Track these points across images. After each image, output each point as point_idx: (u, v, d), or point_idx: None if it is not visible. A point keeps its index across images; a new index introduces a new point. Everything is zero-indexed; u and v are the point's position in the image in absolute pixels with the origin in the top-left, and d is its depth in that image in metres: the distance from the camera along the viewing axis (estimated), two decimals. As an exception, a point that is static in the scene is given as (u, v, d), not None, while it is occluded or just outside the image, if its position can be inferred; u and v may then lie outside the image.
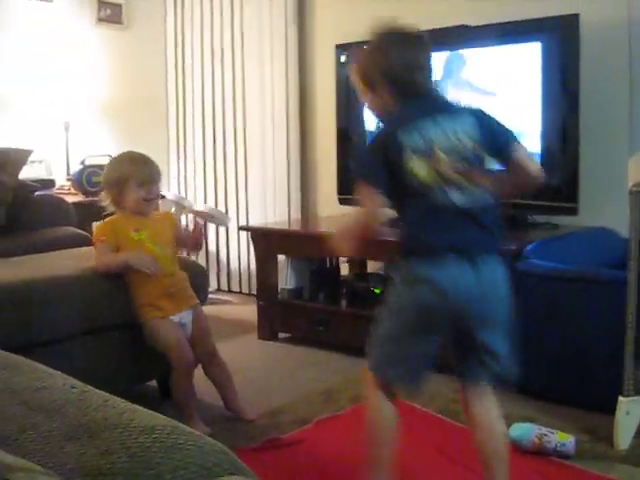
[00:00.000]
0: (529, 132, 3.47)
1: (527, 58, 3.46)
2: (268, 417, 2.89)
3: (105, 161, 4.41)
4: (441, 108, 2.07)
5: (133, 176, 2.77)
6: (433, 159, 1.94)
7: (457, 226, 1.95)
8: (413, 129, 1.96)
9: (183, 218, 5.01)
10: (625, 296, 2.48)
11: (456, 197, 1.94)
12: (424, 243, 1.95)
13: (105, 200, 2.87)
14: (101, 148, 4.67)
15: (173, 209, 4.79)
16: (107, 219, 2.85)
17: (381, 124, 2.20)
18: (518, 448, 2.52)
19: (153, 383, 3.14)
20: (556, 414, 2.84)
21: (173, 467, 0.92)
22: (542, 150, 3.43)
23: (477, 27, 3.67)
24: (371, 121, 4.03)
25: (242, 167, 5.05)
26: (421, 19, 3.96)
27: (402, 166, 1.94)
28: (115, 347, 2.84)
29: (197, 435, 0.99)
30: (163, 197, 4.57)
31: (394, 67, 2.06)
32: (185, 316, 2.84)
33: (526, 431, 2.54)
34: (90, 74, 4.90)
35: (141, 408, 1.08)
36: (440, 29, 3.81)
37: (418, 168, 1.94)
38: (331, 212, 4.56)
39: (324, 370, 3.49)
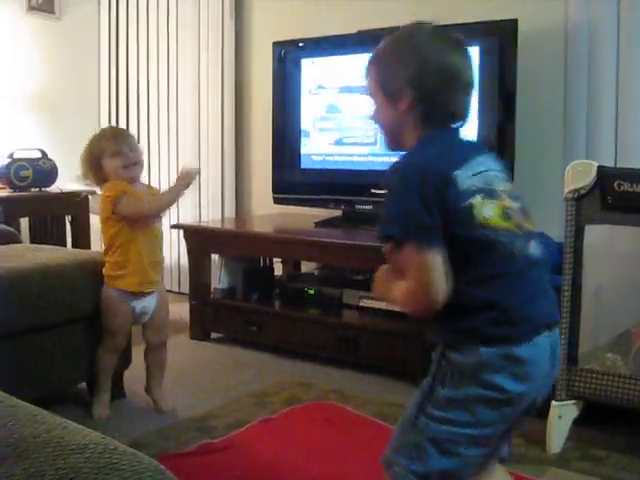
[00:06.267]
0: (465, 135, 3.48)
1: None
2: (199, 421, 2.83)
3: (35, 155, 4.33)
4: (474, 143, 1.77)
5: (106, 148, 2.83)
6: (501, 202, 1.57)
7: (541, 289, 1.59)
8: (468, 167, 1.56)
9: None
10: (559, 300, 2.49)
11: (532, 248, 1.58)
12: (514, 317, 1.52)
13: (87, 180, 2.91)
14: (30, 142, 4.54)
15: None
16: (118, 182, 2.84)
17: (411, 157, 1.63)
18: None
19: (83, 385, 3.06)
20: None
21: (106, 488, 0.87)
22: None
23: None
24: (307, 121, 4.01)
25: (175, 163, 4.97)
26: (364, 18, 3.99)
27: (467, 214, 1.51)
28: (44, 349, 2.74)
29: (131, 453, 0.95)
30: (94, 193, 4.50)
31: (427, 77, 1.61)
32: (150, 301, 2.91)
33: (460, 436, 2.54)
34: (20, 65, 4.76)
35: (73, 423, 1.03)
36: (380, 29, 3.81)
37: (489, 214, 1.53)
38: (265, 211, 4.53)
39: (257, 372, 3.45)
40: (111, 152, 2.82)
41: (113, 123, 5.23)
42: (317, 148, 4.00)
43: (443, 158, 1.57)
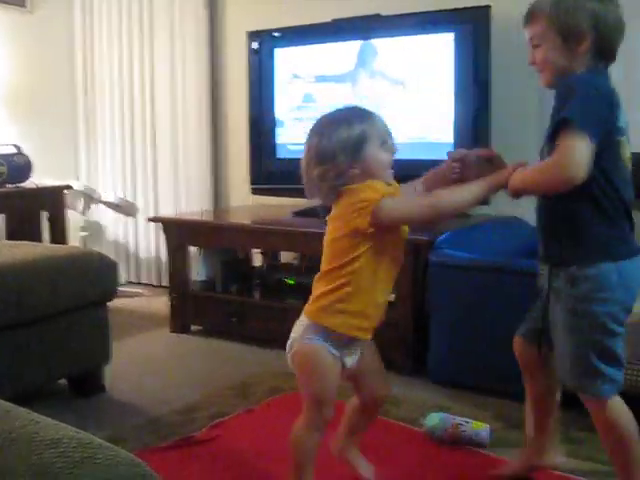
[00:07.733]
0: (441, 122, 3.49)
1: (440, 48, 3.47)
2: (181, 413, 2.81)
3: (9, 150, 4.29)
4: None
5: (374, 132, 1.92)
6: (627, 147, 1.88)
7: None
8: (621, 109, 1.84)
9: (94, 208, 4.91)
10: (536, 285, 2.50)
11: (630, 190, 1.90)
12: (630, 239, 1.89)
13: (322, 178, 1.93)
14: (4, 137, 4.51)
15: (82, 200, 4.69)
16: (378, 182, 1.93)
17: (591, 76, 1.86)
18: (434, 438, 2.53)
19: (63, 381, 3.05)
20: (470, 402, 2.87)
21: (80, 483, 0.87)
22: (454, 140, 3.46)
23: (390, 16, 3.67)
24: (283, 111, 4.00)
25: (152, 156, 4.95)
26: (334, 7, 3.98)
27: (618, 146, 1.84)
28: (23, 345, 2.72)
29: (106, 447, 0.94)
30: (70, 187, 4.47)
31: (609, 21, 1.83)
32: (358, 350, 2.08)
33: (441, 421, 2.55)
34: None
35: (46, 419, 1.03)
36: (353, 18, 3.81)
37: (627, 153, 1.87)
38: (243, 202, 4.52)
39: (238, 363, 3.45)
40: (382, 139, 1.93)
41: (89, 118, 5.20)
42: (293, 137, 3.99)
43: (613, 93, 1.83)
